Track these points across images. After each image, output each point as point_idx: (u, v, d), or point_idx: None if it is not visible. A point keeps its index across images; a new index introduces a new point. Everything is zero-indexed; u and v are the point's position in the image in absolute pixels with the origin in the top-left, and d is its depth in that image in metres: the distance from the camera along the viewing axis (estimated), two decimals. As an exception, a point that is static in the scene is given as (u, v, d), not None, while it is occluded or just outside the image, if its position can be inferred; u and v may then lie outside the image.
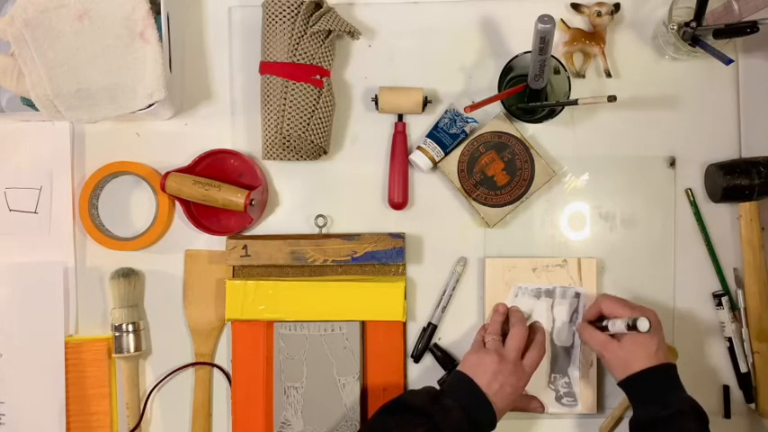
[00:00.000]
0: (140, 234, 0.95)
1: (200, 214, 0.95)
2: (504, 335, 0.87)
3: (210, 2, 0.98)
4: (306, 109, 0.90)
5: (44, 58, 0.85)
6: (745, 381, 0.93)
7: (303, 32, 0.90)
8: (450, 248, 0.95)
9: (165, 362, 0.96)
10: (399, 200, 0.93)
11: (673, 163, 0.95)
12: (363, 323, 0.93)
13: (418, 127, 0.96)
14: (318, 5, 0.91)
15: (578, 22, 0.95)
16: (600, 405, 0.93)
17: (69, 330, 0.96)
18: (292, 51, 0.90)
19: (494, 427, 0.81)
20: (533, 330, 0.89)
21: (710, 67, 0.94)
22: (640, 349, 0.81)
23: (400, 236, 0.93)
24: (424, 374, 0.95)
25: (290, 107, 0.90)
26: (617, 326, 0.82)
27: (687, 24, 0.88)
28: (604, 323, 0.85)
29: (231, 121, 0.97)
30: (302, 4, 0.90)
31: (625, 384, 0.82)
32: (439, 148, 0.93)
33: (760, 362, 0.92)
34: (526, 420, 0.95)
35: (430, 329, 0.94)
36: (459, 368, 0.84)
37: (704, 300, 0.95)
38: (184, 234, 0.96)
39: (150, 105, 0.87)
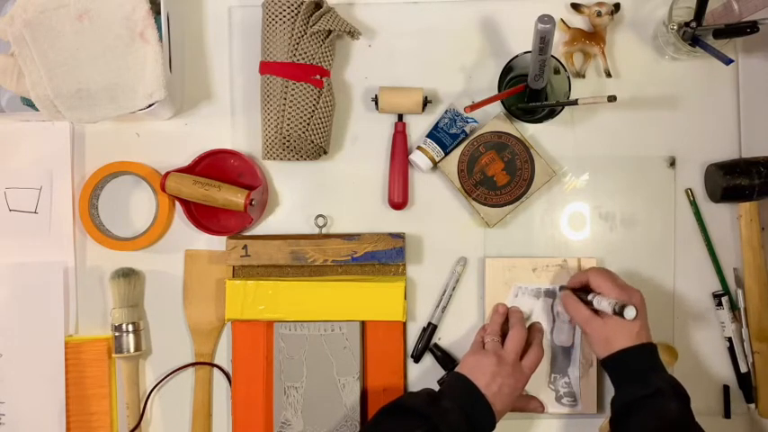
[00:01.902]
0: (140, 234, 0.95)
1: (200, 214, 0.95)
2: (503, 335, 0.87)
3: (210, 2, 0.98)
4: (306, 109, 0.90)
5: (44, 58, 0.85)
6: (745, 381, 0.93)
7: (303, 32, 0.90)
8: (451, 248, 0.95)
9: (165, 362, 0.96)
10: (399, 200, 0.93)
11: (673, 163, 0.95)
12: (363, 323, 0.93)
13: (418, 127, 0.96)
14: (318, 5, 0.91)
15: (578, 22, 0.95)
16: (600, 405, 0.93)
17: (69, 330, 0.96)
18: (292, 51, 0.90)
19: (493, 428, 0.81)
20: (532, 331, 0.90)
21: (710, 67, 0.94)
22: (623, 329, 0.81)
23: (400, 236, 0.93)
24: (424, 374, 0.95)
25: (290, 107, 0.90)
26: (603, 305, 0.81)
27: (687, 24, 0.88)
28: (589, 297, 0.85)
29: (231, 121, 0.97)
30: (302, 4, 0.90)
31: (606, 362, 0.83)
32: (439, 148, 0.93)
33: (760, 362, 0.92)
34: (526, 420, 0.95)
35: (430, 329, 0.94)
36: (457, 369, 0.84)
37: (704, 300, 0.95)
38: (184, 234, 0.96)
39: (150, 105, 0.87)
